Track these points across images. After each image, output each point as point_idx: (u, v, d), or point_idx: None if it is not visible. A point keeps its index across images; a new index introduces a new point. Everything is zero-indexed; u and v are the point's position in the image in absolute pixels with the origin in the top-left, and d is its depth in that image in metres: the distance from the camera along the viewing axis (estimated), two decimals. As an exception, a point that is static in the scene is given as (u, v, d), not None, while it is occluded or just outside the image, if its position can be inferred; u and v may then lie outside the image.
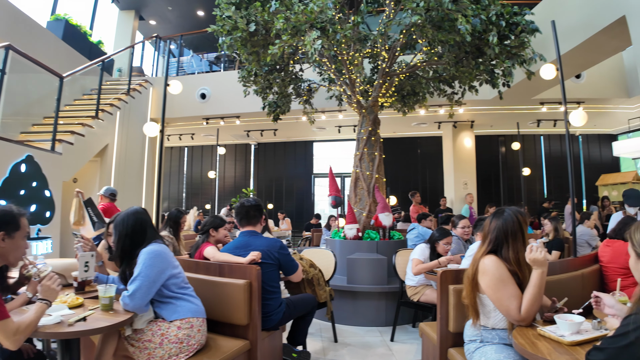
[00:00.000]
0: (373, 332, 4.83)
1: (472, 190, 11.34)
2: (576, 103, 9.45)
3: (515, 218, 2.25)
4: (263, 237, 3.31)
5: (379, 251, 5.35)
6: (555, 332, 1.91)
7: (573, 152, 13.16)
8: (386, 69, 5.95)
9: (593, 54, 6.68)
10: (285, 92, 7.38)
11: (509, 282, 2.13)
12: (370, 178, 5.91)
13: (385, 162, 12.88)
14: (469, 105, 9.51)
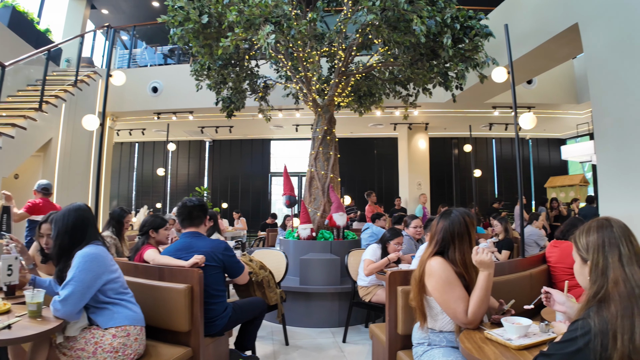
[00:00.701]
0: (326, 333, 4.76)
1: (426, 190, 11.55)
2: (527, 108, 9.79)
3: (462, 219, 2.22)
4: (206, 238, 3.15)
5: (332, 251, 5.28)
6: (502, 335, 1.88)
7: (523, 155, 13.81)
8: (342, 68, 5.90)
9: (545, 60, 6.91)
10: (240, 88, 7.19)
11: (455, 285, 2.10)
12: (325, 177, 5.84)
13: (342, 162, 12.94)
14: (424, 108, 9.66)
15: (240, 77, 6.96)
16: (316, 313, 5.00)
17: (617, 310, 1.27)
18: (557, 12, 5.75)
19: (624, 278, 1.34)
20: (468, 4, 5.50)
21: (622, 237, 1.42)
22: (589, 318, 1.30)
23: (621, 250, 1.39)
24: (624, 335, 1.22)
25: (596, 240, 1.45)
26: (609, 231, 1.45)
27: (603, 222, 1.49)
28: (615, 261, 1.38)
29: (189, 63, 10.70)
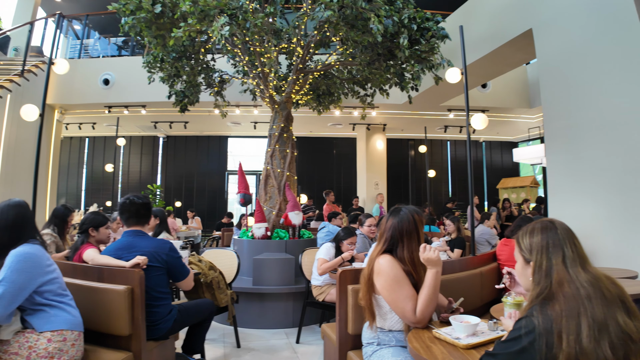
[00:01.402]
0: (279, 334, 4.66)
1: (383, 190, 11.69)
2: (481, 111, 10.05)
3: (411, 217, 2.20)
4: (150, 237, 2.98)
5: (288, 251, 5.19)
6: (451, 334, 1.86)
7: (476, 157, 14.26)
8: (300, 65, 5.81)
9: (499, 65, 7.10)
10: (195, 82, 6.96)
11: (404, 283, 2.07)
12: (281, 176, 5.74)
13: (301, 161, 12.96)
14: (382, 109, 9.74)
15: (195, 71, 6.73)
16: (270, 314, 4.89)
17: (562, 310, 1.25)
18: (512, 18, 5.92)
19: (568, 279, 1.33)
20: (426, 7, 5.57)
21: (565, 239, 1.41)
22: (533, 316, 1.29)
23: (565, 252, 1.38)
24: (569, 336, 1.20)
25: (540, 242, 1.44)
26: (553, 233, 1.43)
27: (547, 223, 1.48)
28: (559, 263, 1.37)
29: (143, 55, 10.31)
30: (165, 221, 4.91)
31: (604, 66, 4.50)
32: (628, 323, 1.22)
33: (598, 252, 4.44)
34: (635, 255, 4.07)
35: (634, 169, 4.16)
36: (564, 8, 4.99)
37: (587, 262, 1.38)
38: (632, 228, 4.09)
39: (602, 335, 1.19)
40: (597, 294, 1.26)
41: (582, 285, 1.29)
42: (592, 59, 4.62)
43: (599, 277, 1.32)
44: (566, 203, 4.90)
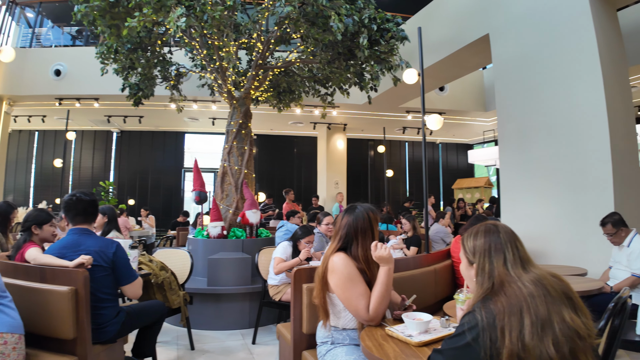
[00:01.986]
0: (235, 335, 4.57)
1: (343, 189, 11.77)
2: (438, 113, 10.27)
3: (366, 215, 2.19)
4: (96, 236, 2.82)
5: (244, 250, 5.09)
6: (403, 332, 1.86)
7: (433, 158, 14.62)
8: (260, 61, 5.72)
9: (456, 68, 7.28)
10: (150, 74, 6.71)
11: (357, 281, 2.06)
12: (238, 173, 5.63)
13: (262, 159, 12.84)
14: (342, 109, 9.80)
15: (150, 63, 6.49)
16: (226, 315, 4.78)
17: (505, 307, 1.27)
18: (470, 23, 6.07)
19: (509, 280, 1.35)
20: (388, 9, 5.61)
21: (507, 242, 1.44)
22: (476, 312, 1.30)
23: (506, 255, 1.41)
24: (512, 332, 1.21)
25: (482, 245, 1.47)
26: (495, 237, 1.46)
27: (490, 227, 1.51)
28: (500, 265, 1.40)
29: (96, 45, 9.86)
30: (115, 219, 4.69)
31: (555, 72, 4.70)
32: (575, 319, 1.24)
33: (549, 251, 4.63)
34: (585, 253, 4.27)
35: (582, 170, 4.37)
36: (519, 15, 5.18)
37: (529, 263, 1.41)
38: (581, 227, 4.30)
39: (546, 332, 1.20)
40: (541, 292, 1.28)
41: (524, 284, 1.31)
42: (544, 65, 4.82)
43: (542, 275, 1.35)
44: (518, 203, 5.08)
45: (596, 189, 4.24)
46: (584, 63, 4.39)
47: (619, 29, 4.95)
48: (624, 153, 4.40)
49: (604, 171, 4.18)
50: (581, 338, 1.22)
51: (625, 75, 4.87)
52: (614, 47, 4.67)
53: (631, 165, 4.58)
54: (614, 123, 4.26)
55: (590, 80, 4.34)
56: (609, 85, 4.31)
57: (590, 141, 4.32)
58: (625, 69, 4.89)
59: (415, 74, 4.29)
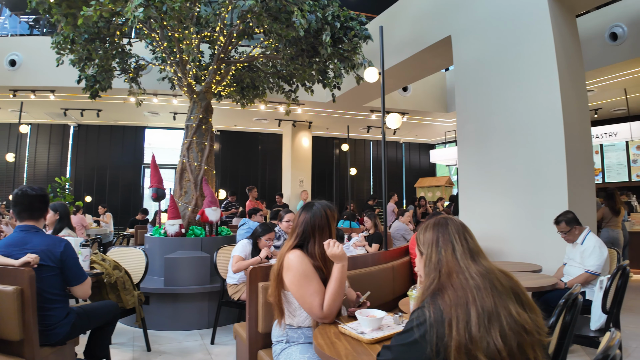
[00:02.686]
0: (194, 335, 4.47)
1: (308, 187, 11.75)
2: (401, 113, 10.42)
3: (323, 212, 2.19)
4: (44, 234, 2.68)
5: (204, 249, 4.98)
6: (356, 329, 1.85)
7: (396, 157, 14.82)
8: (221, 55, 5.61)
9: (419, 69, 7.38)
10: (108, 66, 6.46)
11: (312, 278, 2.04)
12: (198, 169, 5.50)
13: (226, 156, 12.64)
14: (307, 107, 9.77)
15: (108, 54, 6.25)
16: (184, 315, 4.67)
17: (451, 300, 1.28)
18: (433, 25, 6.16)
19: (457, 270, 1.36)
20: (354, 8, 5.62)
21: (456, 234, 1.46)
22: (425, 308, 1.30)
23: (454, 245, 1.43)
24: (459, 324, 1.22)
25: (431, 237, 1.49)
26: (444, 229, 1.48)
27: (441, 220, 1.53)
28: (449, 255, 1.41)
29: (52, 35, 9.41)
30: (67, 216, 4.49)
31: (513, 74, 4.83)
32: (521, 314, 1.25)
33: (506, 248, 4.76)
34: (540, 250, 4.42)
35: (538, 170, 4.51)
36: (480, 18, 5.28)
37: (479, 255, 1.42)
38: (537, 225, 4.44)
39: (493, 324, 1.21)
40: (487, 285, 1.29)
41: (471, 276, 1.33)
42: (504, 67, 4.94)
43: (490, 269, 1.36)
44: (476, 202, 5.20)
45: (551, 189, 4.38)
46: (542, 66, 4.52)
47: (577, 34, 5.12)
48: (578, 154, 4.56)
49: (558, 171, 4.32)
50: (528, 333, 1.23)
51: (582, 78, 5.04)
52: (571, 52, 4.83)
53: (586, 165, 4.76)
54: (569, 125, 4.41)
55: (547, 83, 4.47)
56: (565, 89, 4.45)
57: (546, 142, 4.45)
58: (582, 73, 5.06)
59: (376, 73, 4.32)
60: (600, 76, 7.66)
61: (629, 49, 6.62)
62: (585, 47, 7.04)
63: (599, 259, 3.52)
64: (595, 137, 10.32)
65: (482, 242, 4.59)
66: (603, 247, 3.58)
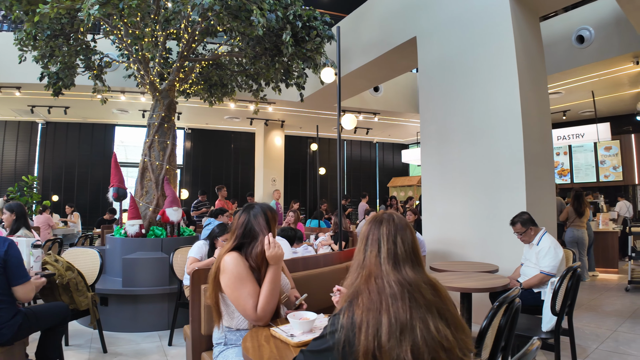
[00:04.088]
0: (152, 337, 4.41)
1: (280, 186, 11.69)
2: (373, 114, 10.47)
3: (263, 214, 2.17)
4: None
5: (164, 249, 4.91)
6: (287, 331, 1.83)
7: (370, 157, 14.89)
8: (184, 52, 5.54)
9: (387, 70, 7.39)
10: (71, 63, 6.30)
11: (246, 281, 2.02)
12: (160, 169, 5.42)
13: (197, 154, 12.49)
14: (279, 105, 9.73)
15: (71, 51, 6.10)
16: (143, 316, 4.60)
17: (365, 304, 1.23)
18: (399, 25, 6.17)
19: (377, 274, 1.31)
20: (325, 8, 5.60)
21: (386, 236, 1.37)
22: (341, 314, 1.26)
23: (381, 247, 1.35)
24: (368, 329, 1.18)
25: (364, 233, 1.43)
26: (377, 228, 1.40)
27: (383, 217, 1.44)
28: (373, 256, 1.35)
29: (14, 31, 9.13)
30: (24, 216, 4.37)
31: (475, 76, 4.88)
32: (442, 330, 1.20)
33: (466, 248, 4.82)
34: (498, 251, 4.48)
35: (497, 171, 4.56)
36: (445, 19, 5.31)
37: (405, 263, 1.33)
38: (495, 225, 4.49)
39: (405, 337, 1.16)
40: (405, 296, 1.23)
41: (389, 283, 1.27)
42: (466, 69, 4.99)
43: (413, 281, 1.29)
44: (438, 202, 5.25)
45: (510, 189, 4.42)
46: (502, 68, 4.57)
47: (540, 36, 5.17)
48: (538, 155, 4.62)
49: (517, 172, 4.37)
50: (446, 350, 1.18)
51: (544, 80, 5.10)
52: (533, 53, 4.87)
53: (546, 166, 4.82)
54: (529, 126, 4.46)
55: (507, 84, 4.51)
56: (525, 90, 4.50)
57: (505, 143, 4.50)
58: (544, 75, 5.12)
59: (332, 74, 4.29)
60: (567, 78, 7.80)
61: (595, 52, 6.76)
62: (553, 50, 7.19)
63: (554, 259, 3.53)
64: (563, 139, 10.55)
65: (443, 242, 4.64)
66: (558, 248, 3.59)
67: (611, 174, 10.73)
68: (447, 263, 4.42)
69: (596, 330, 4.38)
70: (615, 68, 7.15)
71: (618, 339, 4.09)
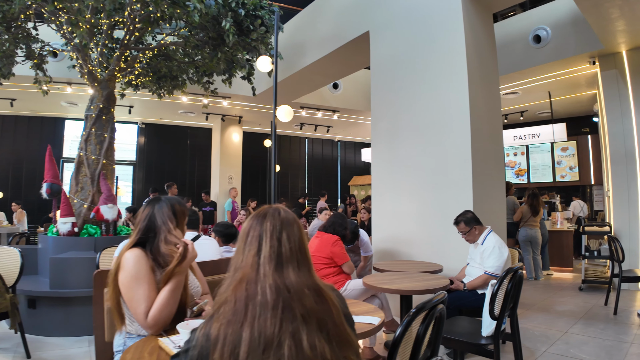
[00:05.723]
0: (82, 342, 4.14)
1: (238, 184, 11.41)
2: (332, 111, 10.34)
3: (170, 207, 2.00)
4: None
5: (97, 249, 4.58)
6: (177, 342, 1.63)
7: (332, 155, 14.78)
8: (125, 41, 5.25)
9: (341, 65, 7.25)
10: (9, 51, 5.89)
11: (144, 282, 1.83)
12: (96, 163, 5.11)
13: (152, 150, 12.03)
14: (235, 100, 9.45)
15: (9, 39, 5.71)
16: (74, 320, 4.30)
17: (225, 316, 1.05)
18: (353, 19, 6.03)
19: (251, 279, 1.12)
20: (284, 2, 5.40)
21: (269, 231, 1.19)
22: (199, 329, 1.08)
23: (262, 245, 1.17)
24: (224, 347, 1.00)
25: (245, 230, 1.23)
26: (260, 222, 1.22)
27: (265, 210, 1.26)
28: (251, 256, 1.16)
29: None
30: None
31: (426, 72, 4.79)
32: (318, 347, 1.03)
33: (414, 247, 4.73)
34: (444, 250, 4.40)
35: (444, 169, 4.49)
36: (397, 13, 5.20)
37: (289, 264, 1.15)
38: (442, 224, 4.39)
39: (268, 355, 0.99)
40: (278, 305, 1.05)
41: (263, 289, 1.08)
42: (417, 65, 4.90)
43: (295, 286, 1.11)
44: (387, 200, 5.15)
45: (457, 188, 4.35)
46: (453, 64, 4.48)
47: (493, 33, 5.12)
48: (486, 153, 4.57)
49: (464, 170, 4.29)
50: None
51: (495, 78, 5.05)
52: (485, 51, 4.81)
53: (495, 165, 4.78)
54: (477, 124, 4.40)
55: (457, 81, 4.43)
56: (475, 88, 4.43)
57: (454, 141, 4.42)
58: (495, 73, 5.08)
59: (268, 62, 4.07)
60: (524, 78, 7.86)
61: (551, 52, 6.81)
62: (510, 50, 7.22)
63: (498, 259, 3.41)
64: (519, 139, 10.72)
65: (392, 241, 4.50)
66: (503, 248, 3.49)
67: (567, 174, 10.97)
68: (391, 262, 4.32)
69: (547, 331, 4.26)
70: (572, 68, 7.24)
71: (569, 341, 3.97)
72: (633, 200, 6.05)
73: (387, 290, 3.00)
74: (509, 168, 11.07)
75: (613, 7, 4.84)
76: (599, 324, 4.46)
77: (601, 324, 4.46)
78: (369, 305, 2.44)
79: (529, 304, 5.36)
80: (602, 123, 7.27)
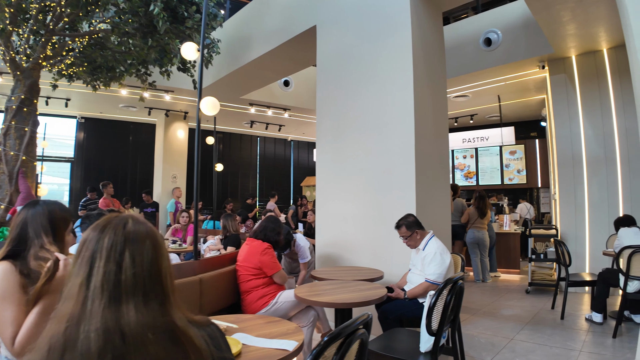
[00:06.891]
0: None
1: (182, 184, 10.86)
2: (283, 109, 10.05)
3: (47, 212, 1.71)
4: None
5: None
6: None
7: (285, 155, 14.47)
8: (51, 26, 4.76)
9: (288, 61, 6.97)
10: None
11: (10, 302, 1.54)
12: (15, 160, 4.61)
13: (91, 146, 11.23)
14: (179, 94, 8.95)
15: None
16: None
17: None
18: (300, 13, 5.78)
19: (74, 315, 0.81)
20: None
21: (110, 251, 0.87)
22: None
23: (93, 270, 0.85)
24: None
25: (80, 244, 0.90)
26: (97, 237, 0.89)
27: (107, 220, 0.93)
28: (76, 285, 0.84)
29: None
30: None
31: (371, 70, 4.61)
32: None
33: (357, 251, 4.52)
34: (386, 255, 4.22)
35: (388, 170, 4.31)
36: (345, 7, 4.99)
37: (136, 296, 0.85)
38: (385, 228, 4.18)
39: None
40: (105, 356, 0.76)
41: (87, 334, 0.77)
42: (362, 62, 4.70)
43: (136, 329, 0.81)
44: (331, 202, 4.93)
45: (400, 190, 4.20)
46: (399, 62, 4.32)
47: (442, 32, 5.01)
48: (431, 155, 4.45)
49: (407, 172, 4.15)
50: None
51: (442, 79, 4.95)
52: (432, 49, 4.69)
53: (440, 167, 4.67)
54: (422, 125, 4.26)
55: (402, 80, 4.28)
56: (420, 87, 4.30)
57: (398, 141, 4.27)
58: (443, 73, 4.97)
59: (194, 49, 3.68)
60: (474, 81, 7.88)
61: (502, 55, 6.83)
62: (461, 52, 7.19)
63: (440, 267, 3.22)
64: (469, 141, 10.84)
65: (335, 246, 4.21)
66: (445, 254, 3.30)
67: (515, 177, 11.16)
68: (331, 269, 4.09)
69: (492, 338, 4.10)
70: (522, 72, 7.31)
71: (515, 348, 3.81)
72: (580, 203, 6.12)
73: (318, 303, 2.76)
74: (458, 170, 11.17)
75: (565, 10, 4.83)
76: (546, 329, 4.37)
77: (548, 329, 4.37)
78: (289, 325, 2.18)
79: (475, 308, 5.28)
80: (550, 127, 7.36)
